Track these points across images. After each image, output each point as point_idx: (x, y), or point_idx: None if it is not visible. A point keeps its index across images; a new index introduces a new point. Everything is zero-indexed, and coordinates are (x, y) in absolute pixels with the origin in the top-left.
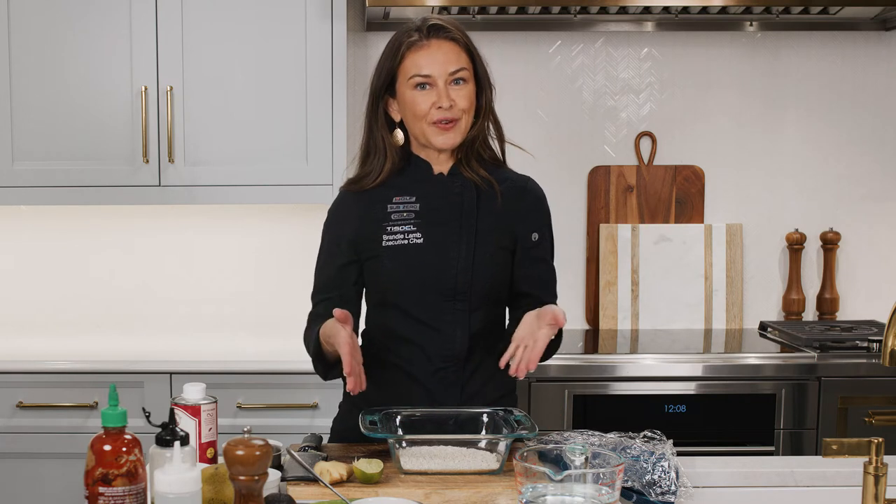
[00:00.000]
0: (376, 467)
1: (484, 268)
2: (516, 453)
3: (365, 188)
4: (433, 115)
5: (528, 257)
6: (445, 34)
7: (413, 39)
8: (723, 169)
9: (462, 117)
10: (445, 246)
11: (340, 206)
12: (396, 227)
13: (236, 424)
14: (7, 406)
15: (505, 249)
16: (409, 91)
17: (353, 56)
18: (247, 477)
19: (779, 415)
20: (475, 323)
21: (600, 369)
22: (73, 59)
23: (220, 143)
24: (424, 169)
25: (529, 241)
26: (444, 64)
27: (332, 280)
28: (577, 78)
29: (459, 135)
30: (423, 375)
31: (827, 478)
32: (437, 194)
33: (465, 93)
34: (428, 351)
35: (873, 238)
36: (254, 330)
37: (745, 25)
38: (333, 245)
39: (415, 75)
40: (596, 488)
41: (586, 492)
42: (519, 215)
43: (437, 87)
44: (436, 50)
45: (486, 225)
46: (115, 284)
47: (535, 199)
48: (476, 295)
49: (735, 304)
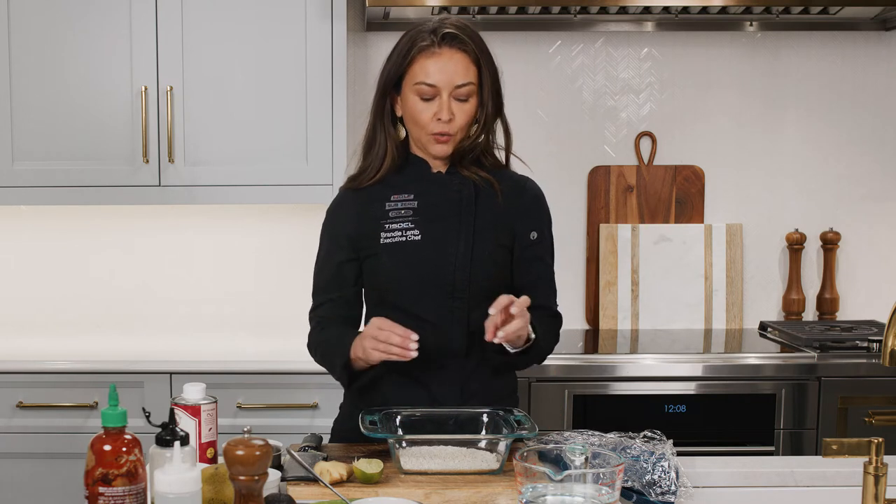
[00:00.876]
0: (376, 467)
1: (482, 265)
2: (516, 453)
3: (363, 185)
4: (433, 126)
5: (526, 256)
6: (459, 45)
7: (425, 44)
8: (723, 169)
9: (458, 131)
10: (443, 243)
11: (339, 204)
12: (394, 225)
13: (236, 424)
14: (7, 406)
15: (503, 247)
16: (413, 96)
17: (353, 56)
18: (247, 477)
19: (779, 415)
20: (475, 321)
21: (600, 369)
22: (73, 59)
23: (220, 143)
24: (422, 167)
25: (527, 239)
26: (451, 75)
27: (332, 279)
28: (577, 78)
29: (452, 147)
30: (424, 374)
31: (827, 478)
32: (436, 192)
33: (466, 109)
34: (428, 349)
35: (873, 238)
36: (254, 330)
37: (745, 25)
38: (333, 243)
39: (421, 82)
40: (596, 488)
41: (586, 492)
42: (518, 214)
43: (440, 98)
44: (446, 60)
45: (484, 222)
46: (115, 284)
47: (533, 198)
48: (475, 292)
49: (735, 304)
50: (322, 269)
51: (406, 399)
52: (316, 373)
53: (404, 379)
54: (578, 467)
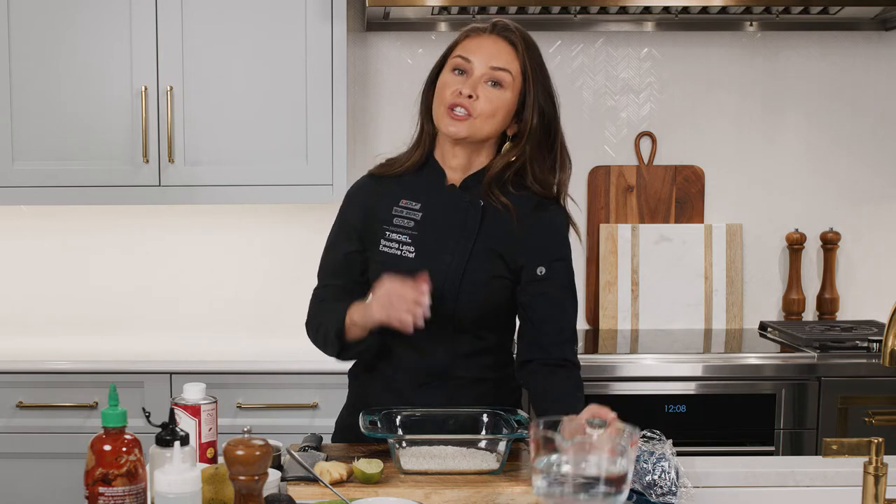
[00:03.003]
0: (376, 467)
1: (472, 292)
2: (532, 424)
3: (391, 171)
4: (449, 97)
5: (529, 292)
6: (506, 34)
7: (477, 27)
8: (723, 169)
9: (478, 116)
10: (435, 265)
11: (359, 191)
12: (394, 235)
13: (236, 424)
14: (7, 406)
15: (502, 278)
16: (447, 72)
17: (353, 56)
18: (247, 477)
19: (779, 415)
20: (462, 345)
21: (600, 369)
22: (73, 59)
23: (220, 143)
24: (438, 177)
25: (534, 274)
26: (489, 56)
27: (338, 264)
28: (577, 78)
29: (466, 130)
30: (407, 389)
31: (827, 478)
32: (442, 208)
33: (496, 96)
34: (410, 366)
35: (873, 238)
36: (254, 330)
37: (745, 25)
38: (342, 230)
39: (458, 55)
40: (610, 459)
41: (600, 461)
42: (526, 244)
43: (471, 75)
44: (490, 43)
45: (484, 248)
46: (114, 284)
47: (547, 227)
48: (463, 318)
49: (735, 304)
50: (330, 250)
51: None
52: (316, 373)
53: (390, 395)
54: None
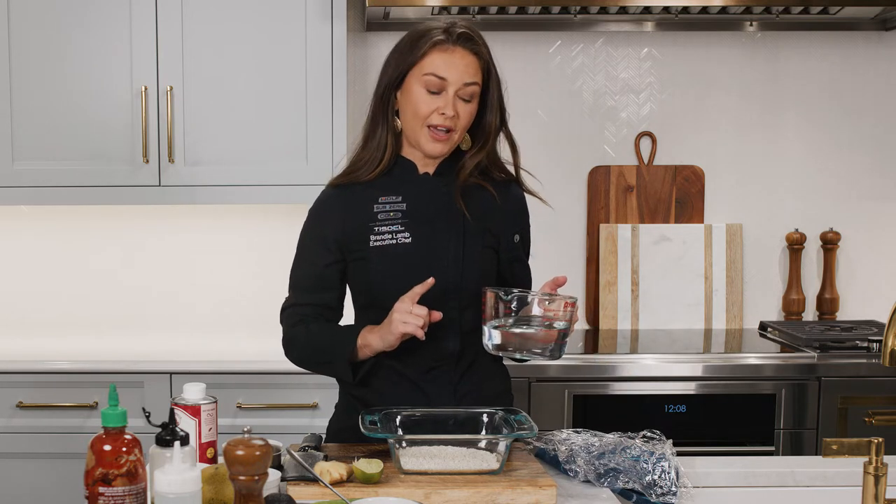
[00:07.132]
0: (376, 467)
1: (473, 266)
2: (486, 289)
3: (361, 179)
4: (434, 119)
5: (508, 258)
6: (472, 46)
7: (440, 38)
8: (723, 169)
9: (458, 131)
10: (434, 245)
11: (324, 205)
12: (384, 227)
13: (236, 424)
14: (7, 406)
15: (490, 248)
16: (418, 88)
17: (353, 56)
18: (247, 477)
19: (779, 415)
20: (467, 322)
21: (600, 369)
22: (73, 59)
23: (220, 143)
24: (410, 169)
25: (511, 242)
26: (462, 73)
27: (316, 281)
28: (577, 78)
29: (449, 147)
30: (416, 375)
31: (827, 478)
32: (424, 194)
33: (469, 110)
34: (419, 351)
35: (873, 238)
36: (254, 330)
37: (745, 25)
38: (318, 245)
39: (431, 74)
40: (548, 321)
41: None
42: (503, 216)
43: (446, 94)
44: (459, 58)
45: (472, 224)
46: (115, 284)
47: (517, 201)
48: (466, 294)
49: (735, 304)
50: (305, 269)
51: (400, 399)
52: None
53: (397, 379)
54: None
